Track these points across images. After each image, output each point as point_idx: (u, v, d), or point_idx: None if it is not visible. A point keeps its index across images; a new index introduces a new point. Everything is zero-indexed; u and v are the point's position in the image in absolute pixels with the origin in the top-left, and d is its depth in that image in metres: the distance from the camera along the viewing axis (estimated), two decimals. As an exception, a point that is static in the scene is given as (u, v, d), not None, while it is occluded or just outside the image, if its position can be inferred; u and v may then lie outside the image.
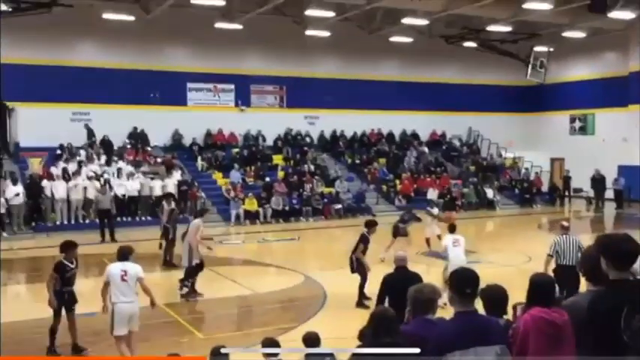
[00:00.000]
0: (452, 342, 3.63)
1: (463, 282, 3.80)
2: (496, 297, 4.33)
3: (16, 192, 20.59)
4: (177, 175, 23.85)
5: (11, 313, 11.45)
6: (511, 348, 3.80)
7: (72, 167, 22.75)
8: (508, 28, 28.35)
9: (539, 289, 4.05)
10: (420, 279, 7.15)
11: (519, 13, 25.34)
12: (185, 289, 12.17)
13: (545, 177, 31.36)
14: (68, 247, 9.15)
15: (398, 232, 15.71)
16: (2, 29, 16.24)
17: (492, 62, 31.54)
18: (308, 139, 29.58)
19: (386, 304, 6.90)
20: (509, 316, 4.95)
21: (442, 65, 31.86)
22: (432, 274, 11.15)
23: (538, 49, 30.64)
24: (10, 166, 22.12)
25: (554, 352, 3.76)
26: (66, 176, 21.98)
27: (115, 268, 8.22)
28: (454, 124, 32.63)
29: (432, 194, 27.39)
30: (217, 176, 26.13)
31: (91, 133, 25.15)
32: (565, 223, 10.86)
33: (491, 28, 27.93)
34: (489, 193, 28.76)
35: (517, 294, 4.64)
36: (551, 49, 31.03)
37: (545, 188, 30.76)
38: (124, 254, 8.33)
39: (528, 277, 4.14)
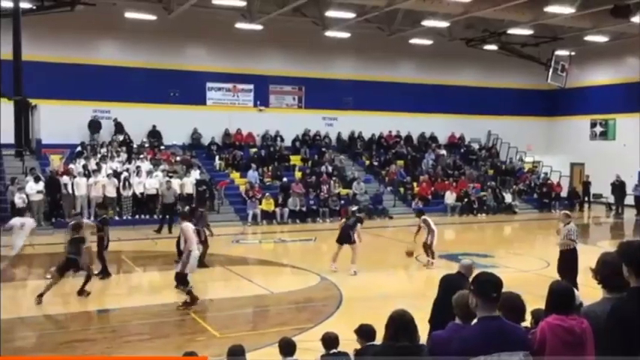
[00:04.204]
0: (475, 347, 3.61)
1: (488, 286, 3.75)
2: (513, 304, 4.29)
3: (37, 189, 20.87)
4: (195, 174, 23.99)
5: (31, 307, 11.63)
6: (533, 355, 3.77)
7: (92, 164, 22.97)
8: (529, 32, 28.12)
9: (558, 296, 4.02)
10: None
11: (541, 17, 25.14)
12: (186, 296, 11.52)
13: (564, 182, 31.08)
14: None
15: (348, 239, 14.70)
16: (25, 27, 16.40)
17: (513, 65, 31.31)
18: (326, 140, 29.59)
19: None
20: (528, 323, 4.92)
21: (462, 68, 31.72)
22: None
23: (559, 52, 30.38)
24: (32, 163, 22.37)
25: (572, 358, 3.73)
26: (86, 173, 22.22)
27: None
28: (473, 128, 32.48)
29: (450, 197, 27.30)
30: (235, 176, 26.23)
31: (119, 128, 25.46)
32: (568, 212, 12.24)
33: (512, 31, 27.74)
34: (508, 197, 28.59)
35: (535, 300, 4.61)
36: (573, 53, 30.75)
37: (564, 193, 30.46)
38: None
39: (546, 282, 4.10)
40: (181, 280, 11.42)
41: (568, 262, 11.86)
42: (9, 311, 11.16)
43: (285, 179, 25.82)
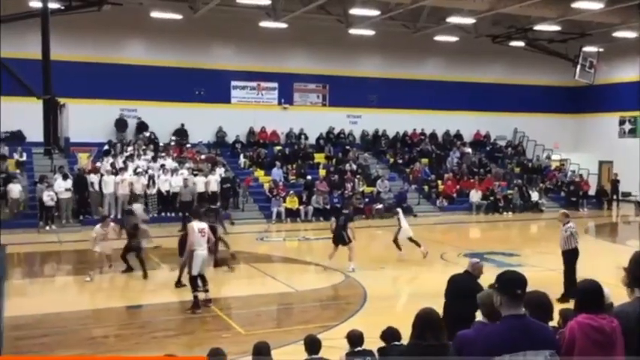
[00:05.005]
0: (500, 345, 3.57)
1: (513, 283, 3.72)
2: (539, 302, 4.24)
3: (65, 187, 21.19)
4: (220, 172, 24.13)
5: (57, 304, 11.82)
6: (559, 354, 3.72)
7: (119, 162, 23.25)
8: (557, 28, 27.74)
9: (587, 295, 3.96)
10: (481, 288, 7.06)
11: (568, 13, 24.77)
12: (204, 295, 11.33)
13: (592, 180, 30.62)
14: None
15: (342, 240, 14.72)
16: (53, 27, 16.66)
17: (539, 62, 30.93)
18: (350, 138, 29.56)
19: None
20: (555, 322, 4.86)
21: (487, 65, 31.43)
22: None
23: (587, 49, 29.91)
24: (60, 161, 22.71)
25: (602, 358, 3.68)
26: (113, 171, 22.49)
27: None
28: (499, 125, 32.16)
29: (475, 196, 27.08)
30: (259, 174, 26.33)
31: (143, 127, 25.75)
32: (567, 212, 12.74)
33: (539, 27, 27.38)
34: (534, 195, 28.27)
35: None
36: (601, 49, 30.26)
37: (592, 191, 30.04)
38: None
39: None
40: (191, 282, 11.21)
41: (568, 262, 11.70)
42: (36, 307, 11.39)
43: (309, 177, 25.84)
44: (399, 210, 16.94)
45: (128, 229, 13.90)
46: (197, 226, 11.18)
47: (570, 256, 11.82)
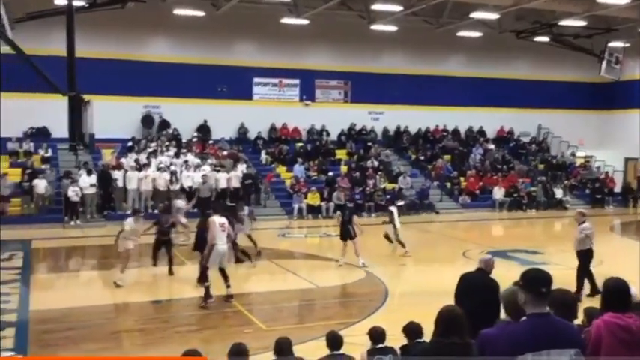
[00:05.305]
0: (524, 343, 3.53)
1: (537, 281, 3.67)
2: (564, 300, 4.19)
3: (90, 182, 21.46)
4: (242, 169, 24.24)
5: (83, 298, 11.98)
6: (584, 353, 3.67)
7: (142, 159, 23.47)
8: (582, 23, 27.35)
9: (614, 293, 3.91)
10: (497, 284, 7.01)
11: (594, 8, 24.41)
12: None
13: (618, 177, 30.18)
14: None
15: (348, 234, 14.79)
16: (78, 24, 16.86)
17: (564, 58, 30.52)
18: (372, 135, 29.48)
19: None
20: (579, 320, 4.81)
21: (511, 61, 31.12)
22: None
23: (613, 44, 29.41)
24: (85, 157, 22.99)
25: (629, 357, 3.63)
26: (137, 167, 22.70)
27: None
28: (522, 121, 31.85)
29: (498, 193, 26.85)
30: (281, 170, 26.39)
31: (165, 124, 25.95)
32: (583, 211, 12.62)
33: (564, 22, 27.01)
34: (558, 192, 27.96)
35: (586, 298, 4.49)
36: (628, 45, 29.76)
37: (617, 189, 29.61)
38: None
39: (599, 280, 3.99)
40: (202, 274, 11.35)
41: (582, 261, 11.57)
42: (61, 301, 11.55)
43: (330, 174, 25.85)
44: (394, 209, 16.79)
45: (162, 226, 13.77)
46: (218, 220, 11.31)
47: (584, 257, 11.65)
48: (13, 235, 17.74)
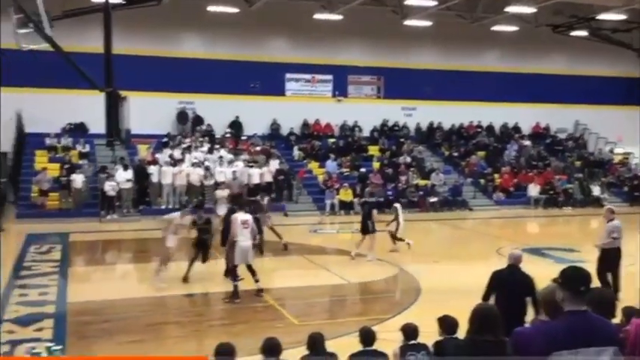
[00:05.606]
0: (560, 341, 3.48)
1: (577, 280, 3.61)
2: (602, 299, 4.12)
3: (126, 177, 21.80)
4: (275, 164, 24.35)
5: (119, 291, 12.19)
6: (623, 351, 3.60)
7: (177, 154, 23.75)
8: (621, 17, 26.74)
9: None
10: (531, 280, 6.94)
11: (633, 1, 23.84)
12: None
13: (657, 174, 29.44)
14: None
15: (367, 229, 14.78)
16: (115, 22, 17.15)
17: (602, 52, 29.90)
18: (405, 131, 29.30)
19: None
20: (618, 319, 4.71)
21: (548, 55, 30.59)
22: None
23: (654, 38, 28.77)
24: (121, 152, 23.36)
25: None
26: (172, 162, 22.98)
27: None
28: (559, 117, 31.29)
29: (534, 189, 26.46)
30: (313, 166, 26.43)
31: (198, 121, 26.21)
32: (612, 208, 12.25)
33: (603, 16, 26.45)
34: (595, 189, 27.41)
35: (623, 296, 4.40)
36: (669, 38, 29.04)
37: (657, 187, 28.86)
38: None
39: (634, 279, 3.91)
40: (231, 273, 11.39)
41: (611, 260, 11.07)
42: (98, 293, 11.78)
43: (363, 169, 25.78)
44: (398, 205, 16.61)
45: (199, 224, 13.61)
46: (240, 217, 11.32)
47: (612, 255, 11.11)
48: (52, 229, 18.17)
